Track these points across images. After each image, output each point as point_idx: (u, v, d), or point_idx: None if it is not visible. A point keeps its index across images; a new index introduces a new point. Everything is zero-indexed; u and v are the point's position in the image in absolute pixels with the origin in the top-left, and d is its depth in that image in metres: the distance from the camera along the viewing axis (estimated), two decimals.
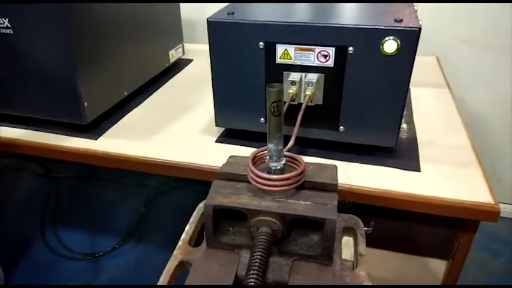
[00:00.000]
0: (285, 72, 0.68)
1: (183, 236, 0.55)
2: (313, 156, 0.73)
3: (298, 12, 0.72)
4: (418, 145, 0.75)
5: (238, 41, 0.68)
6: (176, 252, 0.52)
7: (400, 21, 0.61)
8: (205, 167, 0.71)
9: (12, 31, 0.74)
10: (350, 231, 0.55)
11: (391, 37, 0.60)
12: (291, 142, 0.58)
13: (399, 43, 0.61)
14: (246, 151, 0.73)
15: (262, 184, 0.49)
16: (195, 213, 0.58)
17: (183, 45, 1.17)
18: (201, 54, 1.21)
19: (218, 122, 0.77)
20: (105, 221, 1.53)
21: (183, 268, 0.51)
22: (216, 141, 0.79)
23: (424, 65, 1.11)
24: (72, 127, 0.83)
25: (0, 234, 1.47)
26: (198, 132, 0.83)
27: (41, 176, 1.74)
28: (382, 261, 0.81)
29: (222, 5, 0.75)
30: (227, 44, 0.68)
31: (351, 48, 0.63)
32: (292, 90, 0.66)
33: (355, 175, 0.68)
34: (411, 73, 0.63)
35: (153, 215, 1.55)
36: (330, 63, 0.65)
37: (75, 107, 0.79)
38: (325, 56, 0.65)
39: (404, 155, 0.72)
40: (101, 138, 0.81)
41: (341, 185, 0.63)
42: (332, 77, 0.66)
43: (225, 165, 0.56)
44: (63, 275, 1.32)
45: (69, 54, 0.75)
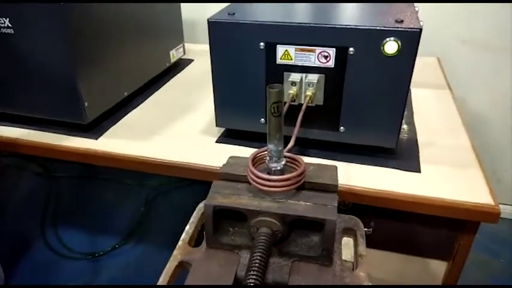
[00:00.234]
0: (285, 73, 0.68)
1: (183, 236, 0.55)
2: (313, 156, 0.73)
3: (299, 13, 0.72)
4: (419, 146, 0.75)
5: (239, 41, 0.68)
6: (176, 252, 0.52)
7: (401, 22, 0.61)
8: (206, 167, 0.71)
9: (12, 31, 0.74)
10: (350, 232, 0.55)
11: (392, 38, 0.60)
12: (291, 143, 0.58)
13: (400, 44, 0.60)
14: (246, 151, 0.73)
15: (262, 185, 0.49)
16: (195, 213, 0.58)
17: (183, 45, 1.17)
18: (201, 54, 1.21)
19: (218, 122, 0.77)
20: (105, 221, 1.53)
21: (183, 268, 0.51)
22: (216, 142, 0.79)
23: (424, 66, 1.11)
24: (73, 127, 0.83)
25: (1, 233, 1.47)
26: (198, 133, 0.83)
27: (42, 175, 1.74)
28: (382, 262, 0.81)
29: (222, 5, 0.75)
30: (228, 44, 0.68)
31: (351, 49, 0.63)
32: (292, 90, 0.66)
33: (355, 176, 0.68)
34: (412, 74, 0.63)
35: (153, 215, 1.55)
36: (330, 63, 0.65)
37: (76, 107, 0.79)
38: (326, 56, 0.65)
39: (404, 155, 0.72)
40: (101, 138, 0.81)
41: (341, 186, 0.63)
42: (332, 78, 0.66)
43: (225, 165, 0.56)
44: (63, 274, 1.33)
45: (69, 54, 0.75)
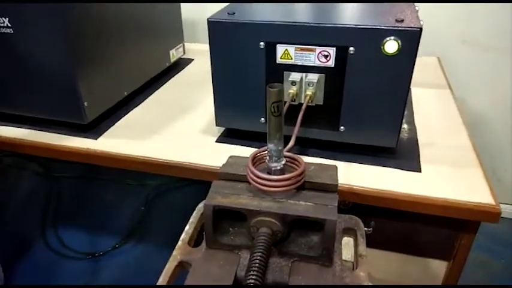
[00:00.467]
0: (285, 72, 0.67)
1: (183, 236, 0.55)
2: (313, 156, 0.73)
3: (299, 12, 0.72)
4: (419, 145, 0.75)
5: (239, 41, 0.67)
6: (176, 252, 0.52)
7: (401, 21, 0.61)
8: (205, 167, 0.71)
9: (12, 30, 0.74)
10: (350, 231, 0.55)
11: (392, 37, 0.60)
12: (291, 142, 0.58)
13: (400, 43, 0.60)
14: (246, 151, 0.73)
15: (262, 184, 0.49)
16: (194, 213, 0.58)
17: (183, 45, 1.17)
18: (201, 54, 1.21)
19: (218, 121, 0.77)
20: (106, 221, 1.53)
21: (183, 268, 0.51)
22: (216, 141, 0.79)
23: (425, 66, 1.10)
24: (73, 127, 0.83)
25: (1, 233, 1.47)
26: (198, 132, 0.83)
27: (42, 175, 1.74)
28: (383, 262, 0.81)
29: (222, 5, 0.75)
30: (227, 44, 0.68)
31: (351, 48, 0.63)
32: (292, 90, 0.66)
33: (355, 175, 0.68)
34: (412, 73, 0.63)
35: (154, 215, 1.55)
36: (330, 63, 0.65)
37: (75, 107, 0.79)
38: (326, 56, 0.65)
39: (405, 155, 0.72)
40: (101, 138, 0.81)
41: (341, 186, 0.63)
42: (333, 77, 0.66)
43: (225, 165, 0.56)
44: (64, 274, 1.33)
45: (69, 54, 0.75)
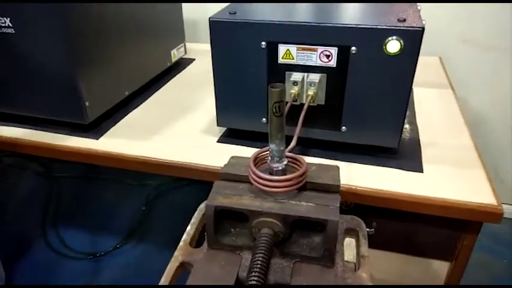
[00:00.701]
0: (287, 72, 0.67)
1: (184, 236, 0.55)
2: (315, 156, 0.72)
3: (301, 12, 0.71)
4: (421, 146, 0.75)
5: (240, 40, 0.67)
6: (177, 253, 0.52)
7: (404, 21, 0.61)
8: (207, 167, 0.71)
9: (13, 30, 0.74)
10: (352, 232, 0.55)
11: (394, 37, 0.60)
12: (293, 142, 0.57)
13: (402, 43, 0.60)
14: (248, 151, 0.72)
15: (264, 185, 0.49)
16: (196, 213, 0.58)
17: (185, 45, 1.17)
18: (203, 54, 1.21)
19: (220, 121, 0.77)
20: (106, 221, 1.53)
21: (184, 269, 0.51)
22: (218, 141, 0.78)
23: (426, 65, 1.10)
24: (74, 127, 0.82)
25: (2, 233, 1.47)
26: (199, 132, 0.82)
27: (43, 175, 1.74)
28: (384, 263, 0.81)
29: (224, 5, 0.75)
30: (229, 43, 0.68)
31: (353, 48, 0.63)
32: (294, 90, 0.66)
33: (357, 176, 0.67)
34: (414, 73, 0.63)
35: (154, 215, 1.55)
36: (332, 63, 0.65)
37: (76, 107, 0.79)
38: (328, 56, 0.64)
39: (406, 155, 0.72)
40: (102, 138, 0.81)
41: (343, 186, 0.63)
42: (334, 77, 0.66)
43: (226, 165, 0.56)
44: (64, 274, 1.33)
45: (70, 53, 0.75)
